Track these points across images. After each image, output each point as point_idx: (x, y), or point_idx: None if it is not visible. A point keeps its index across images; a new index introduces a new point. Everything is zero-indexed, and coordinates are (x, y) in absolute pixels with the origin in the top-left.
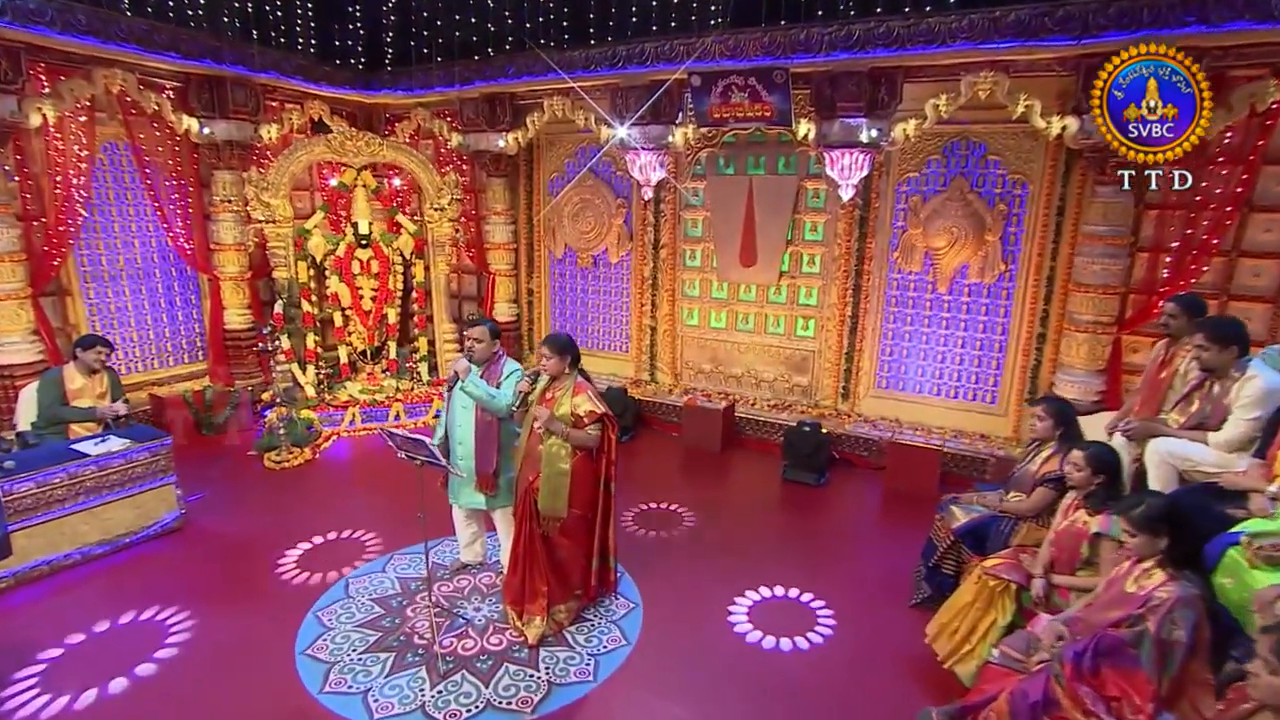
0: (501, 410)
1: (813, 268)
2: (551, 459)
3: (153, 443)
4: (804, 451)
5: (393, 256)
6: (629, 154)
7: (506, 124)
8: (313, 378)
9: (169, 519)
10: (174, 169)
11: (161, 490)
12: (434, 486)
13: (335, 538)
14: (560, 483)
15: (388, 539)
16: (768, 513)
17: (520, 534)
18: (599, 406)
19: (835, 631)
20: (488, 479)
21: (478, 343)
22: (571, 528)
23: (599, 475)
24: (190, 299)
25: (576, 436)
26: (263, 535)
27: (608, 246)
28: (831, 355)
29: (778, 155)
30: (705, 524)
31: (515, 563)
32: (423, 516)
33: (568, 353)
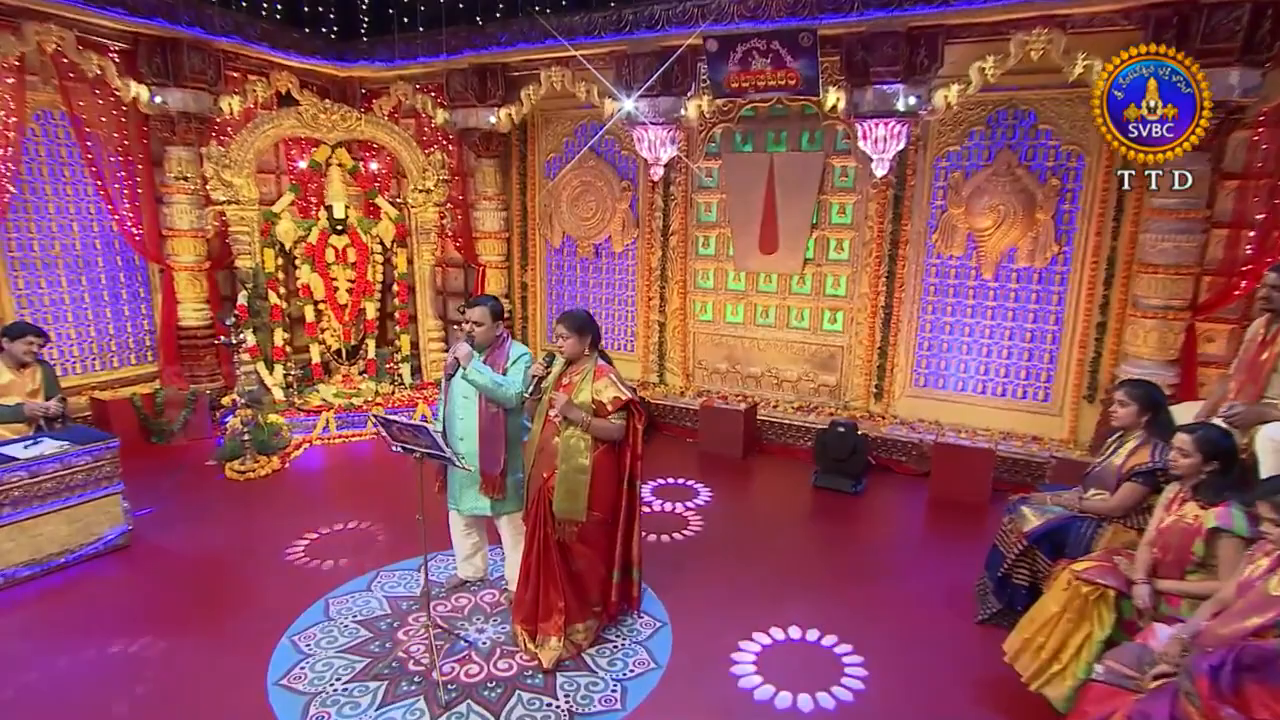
0: (510, 400)
1: (841, 254)
2: (569, 453)
3: (95, 445)
4: (838, 455)
5: (371, 244)
6: (636, 130)
7: (498, 99)
8: (281, 379)
9: (113, 535)
10: (120, 143)
11: (105, 501)
12: (431, 491)
13: (309, 555)
14: (579, 481)
15: (371, 554)
16: (801, 522)
17: (533, 542)
18: (624, 392)
19: (893, 655)
20: (494, 480)
21: (478, 325)
22: (591, 533)
23: (622, 472)
24: (138, 292)
25: (598, 427)
26: (225, 553)
27: (611, 234)
28: (862, 351)
29: (801, 129)
30: (733, 535)
31: (527, 575)
32: (422, 518)
33: (587, 332)
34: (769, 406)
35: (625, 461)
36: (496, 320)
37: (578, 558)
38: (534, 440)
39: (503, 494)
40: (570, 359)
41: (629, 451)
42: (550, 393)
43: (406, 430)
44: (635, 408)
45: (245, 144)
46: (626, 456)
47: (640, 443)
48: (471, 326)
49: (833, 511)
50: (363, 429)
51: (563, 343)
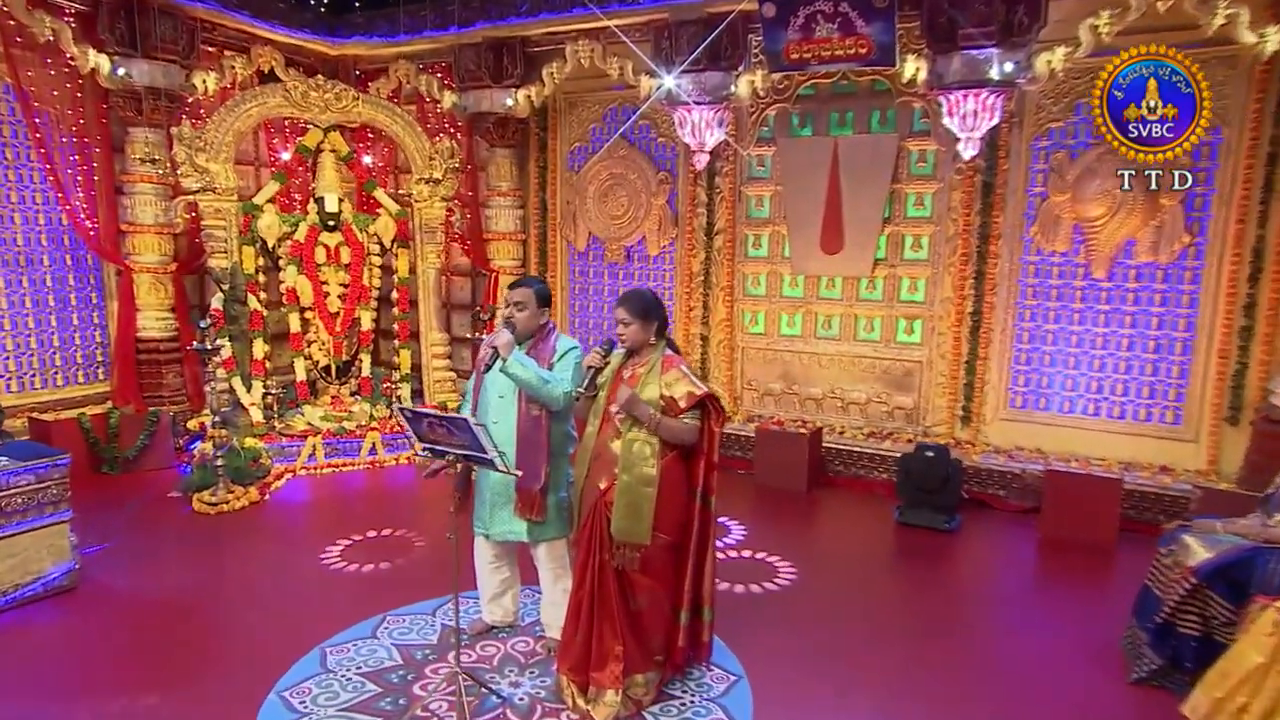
0: (556, 400)
1: (919, 252)
2: (632, 460)
3: (40, 462)
4: (927, 486)
5: (368, 244)
6: (678, 112)
7: (516, 78)
8: (259, 398)
9: (57, 574)
10: (74, 122)
11: (49, 532)
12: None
13: (298, 598)
14: (643, 494)
15: (375, 596)
16: (889, 565)
17: (585, 570)
18: (698, 386)
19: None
20: (532, 499)
21: (520, 309)
22: (656, 561)
23: (694, 485)
24: (90, 297)
25: (669, 427)
26: (194, 596)
27: (645, 234)
28: (945, 367)
29: (871, 108)
30: (809, 579)
31: (577, 612)
32: (454, 537)
33: (653, 317)
34: (834, 433)
35: (698, 472)
36: (543, 306)
37: (639, 592)
38: (588, 445)
39: (543, 515)
40: (632, 349)
41: (703, 459)
42: (608, 388)
43: (440, 425)
44: (712, 405)
45: (223, 124)
46: (699, 465)
47: (717, 448)
48: (513, 310)
49: (924, 552)
50: (355, 457)
51: (623, 329)
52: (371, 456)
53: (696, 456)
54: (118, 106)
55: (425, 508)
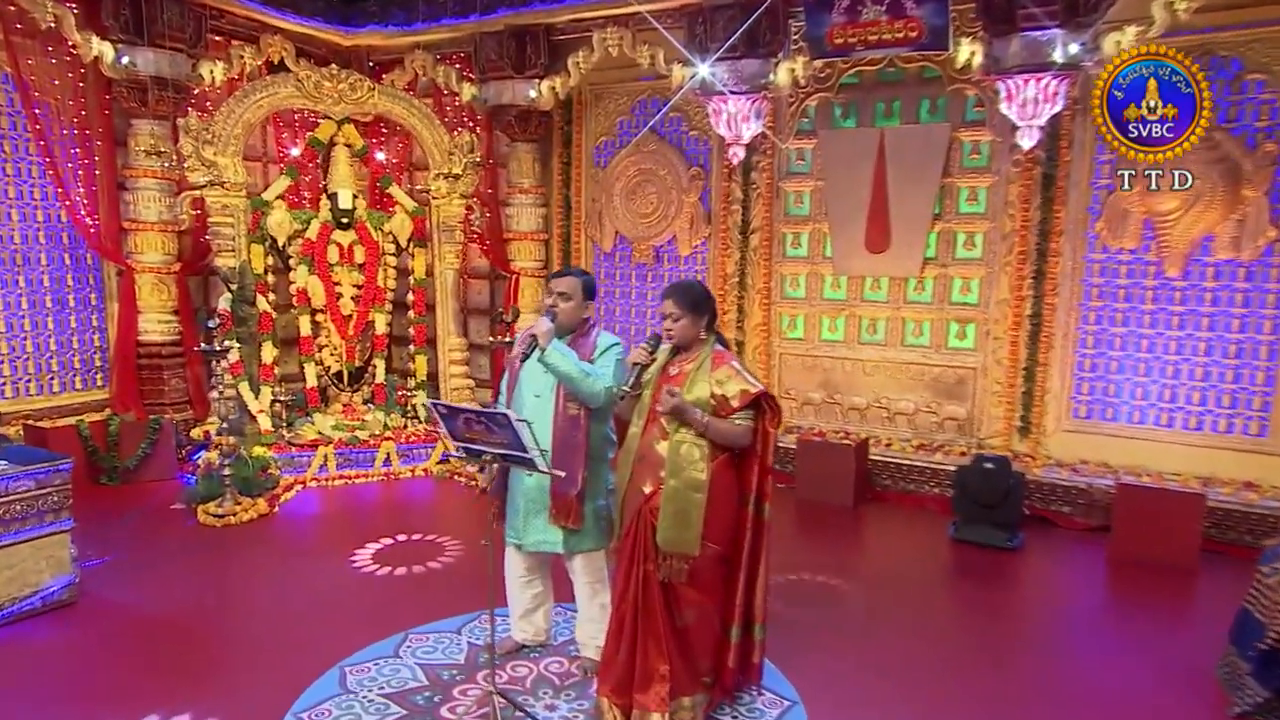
0: (597, 395)
1: (972, 250)
2: (680, 464)
3: (41, 467)
4: (986, 500)
5: (383, 243)
6: (712, 102)
7: (540, 69)
8: (268, 405)
9: (56, 588)
10: (75, 113)
11: (49, 542)
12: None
13: (314, 613)
14: (692, 500)
15: (395, 613)
16: (946, 585)
17: (629, 582)
18: (753, 384)
19: None
20: (568, 505)
21: (564, 299)
22: (705, 573)
23: (745, 491)
24: (89, 298)
25: (719, 429)
26: (201, 612)
27: (676, 233)
28: (1002, 374)
29: (920, 97)
30: (863, 599)
31: (620, 628)
32: (489, 543)
33: (703, 309)
34: (880, 445)
35: (750, 476)
36: (588, 299)
37: (686, 607)
38: (631, 447)
39: (579, 523)
40: (680, 344)
41: (756, 462)
42: (653, 386)
43: (478, 422)
44: (768, 403)
45: (232, 115)
46: (752, 469)
47: (772, 451)
48: (556, 301)
49: (985, 572)
50: (369, 469)
51: (671, 324)
52: (386, 468)
53: (749, 460)
54: (121, 97)
55: (445, 520)
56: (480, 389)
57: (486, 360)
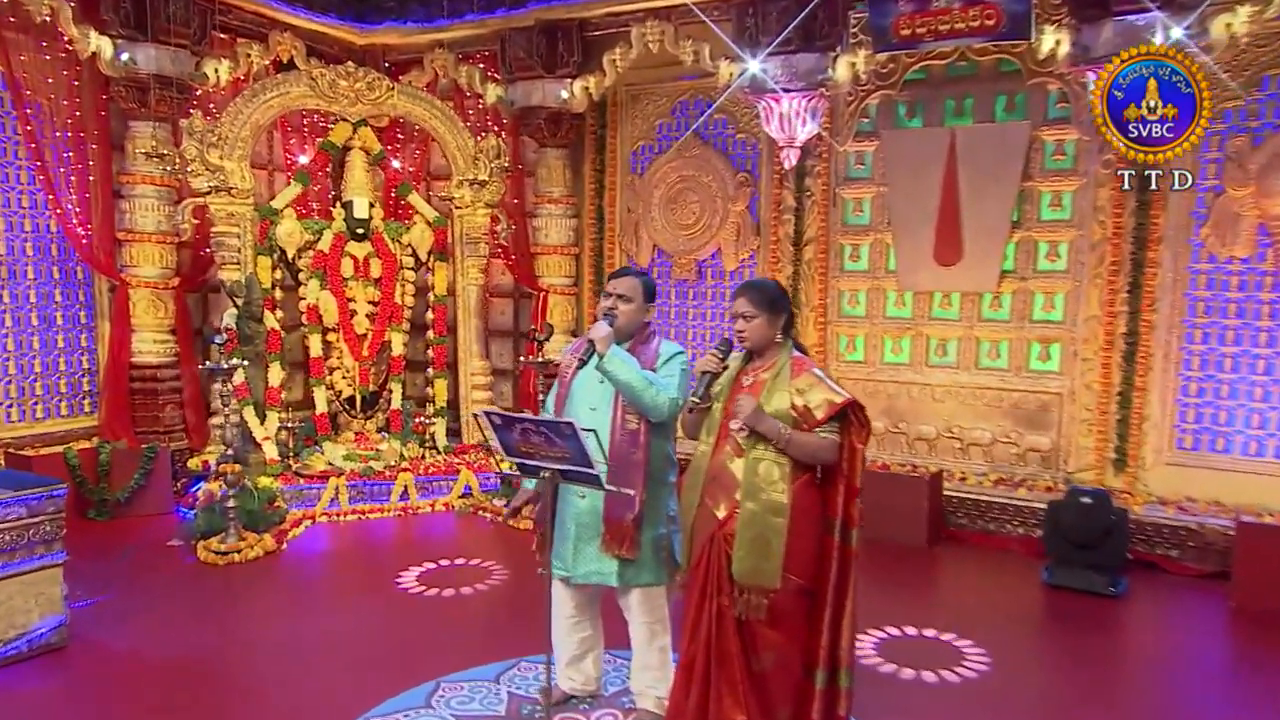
0: (661, 408)
1: (1056, 262)
2: (758, 485)
3: (33, 493)
4: (1082, 540)
5: (401, 256)
6: (763, 101)
7: (573, 68)
8: (275, 432)
9: (45, 630)
10: (70, 113)
11: (39, 577)
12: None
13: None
14: (772, 526)
15: (423, 659)
16: (1045, 636)
17: (700, 618)
18: (839, 393)
19: None
20: (623, 531)
21: (624, 301)
22: (785, 611)
23: (831, 515)
24: (79, 315)
25: (802, 444)
26: (205, 659)
27: (720, 246)
28: (1092, 400)
29: (995, 93)
30: (949, 651)
31: (688, 673)
32: (546, 573)
33: (780, 309)
34: (952, 479)
35: (836, 499)
36: (648, 301)
37: (765, 648)
38: (700, 466)
39: (635, 552)
40: (754, 348)
41: (842, 483)
42: (724, 397)
43: (536, 433)
44: (856, 415)
45: (239, 116)
46: (838, 491)
47: (860, 469)
48: (615, 303)
49: (1087, 621)
50: (384, 502)
51: (744, 325)
52: (403, 501)
53: (834, 480)
54: (119, 97)
55: (475, 556)
56: None
57: (509, 387)
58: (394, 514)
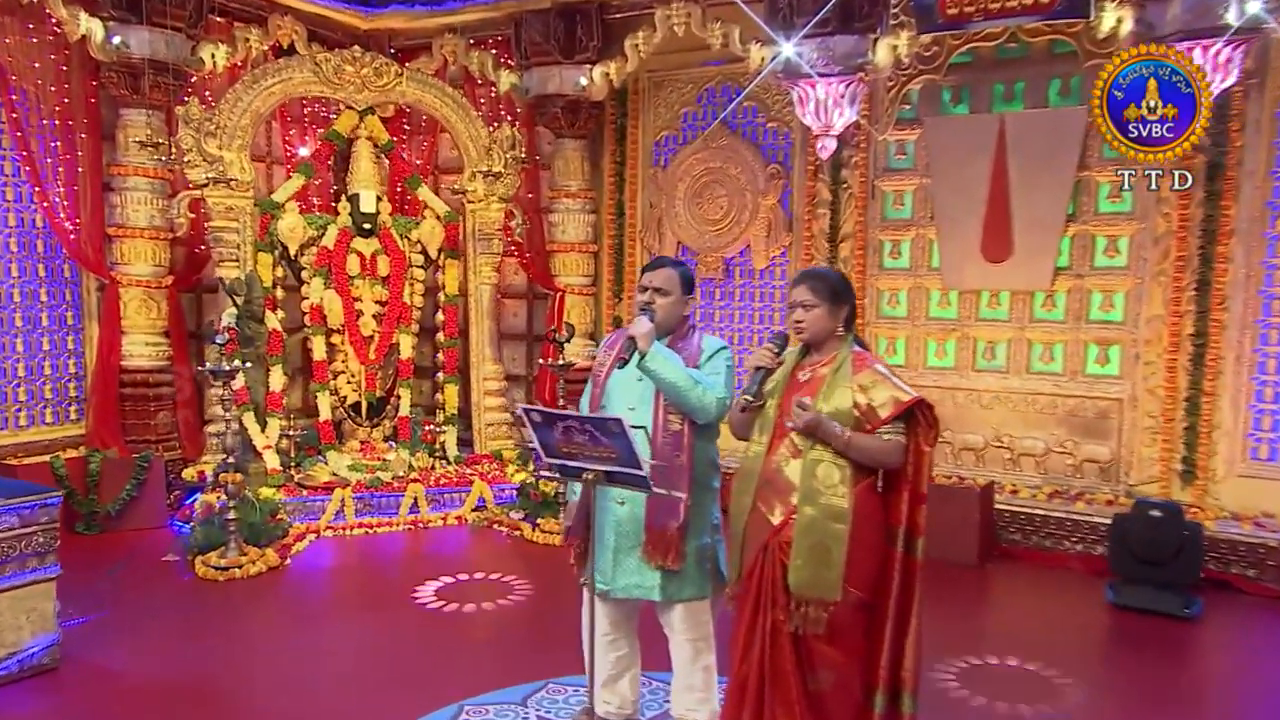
0: (708, 408)
1: (1115, 258)
2: (816, 489)
3: (25, 501)
4: (1153, 557)
5: (410, 253)
6: (798, 87)
7: (592, 53)
8: (276, 440)
9: (37, 649)
10: (58, 100)
11: (31, 593)
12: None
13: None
14: (832, 534)
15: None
16: (1114, 662)
17: (753, 636)
18: (905, 390)
19: None
20: (666, 541)
21: (661, 295)
22: (844, 626)
23: (893, 522)
24: (65, 316)
25: (864, 446)
26: (207, 681)
27: (750, 243)
28: (1156, 407)
29: (1049, 76)
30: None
31: (740, 695)
32: (586, 582)
33: (842, 300)
34: (1004, 492)
35: (899, 505)
36: (687, 294)
37: (822, 667)
38: (752, 469)
39: (680, 563)
40: (812, 342)
41: (906, 488)
42: (778, 394)
43: (581, 431)
44: (924, 414)
45: (239, 104)
46: (901, 497)
47: (927, 474)
48: (652, 297)
49: (1161, 645)
50: (393, 515)
51: (802, 315)
52: (413, 514)
53: (898, 484)
54: (110, 83)
55: (494, 570)
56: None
57: (523, 393)
58: (403, 528)
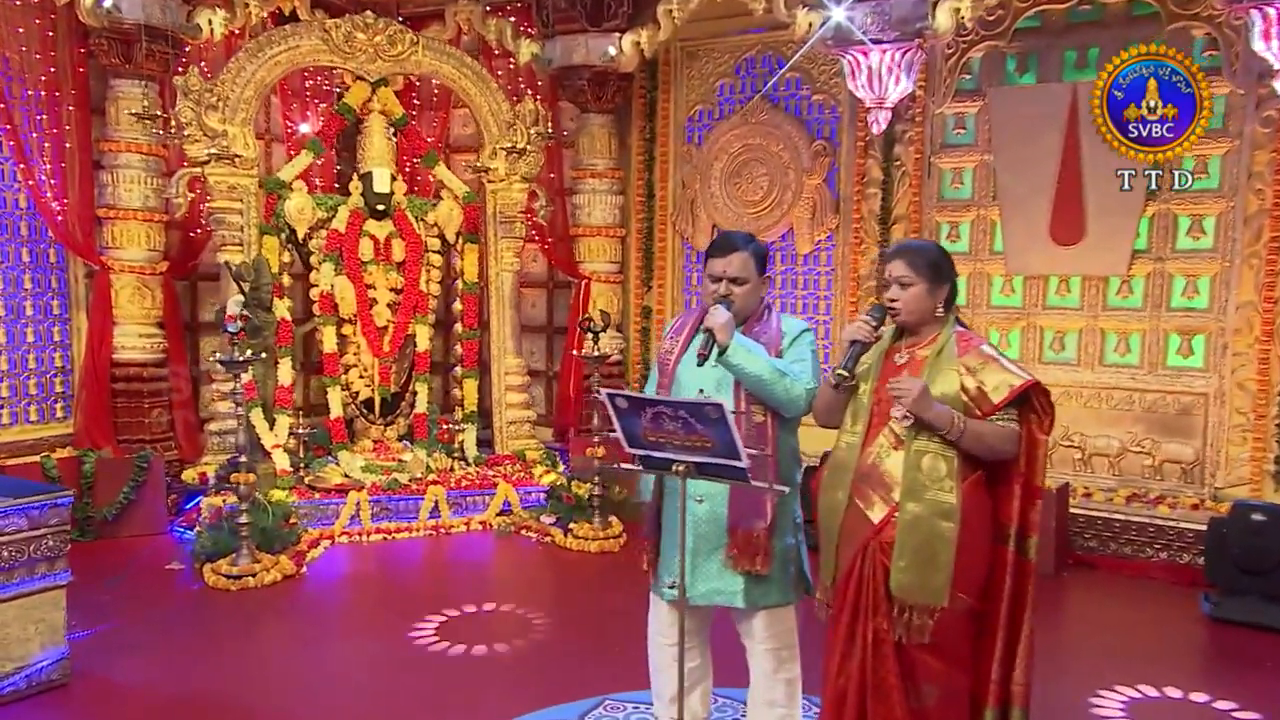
0: (796, 400)
1: (1200, 239)
2: (921, 483)
3: (34, 501)
4: (1255, 566)
5: (427, 237)
6: (848, 55)
7: (622, 19)
8: (285, 439)
9: (46, 663)
10: (44, 70)
11: (40, 601)
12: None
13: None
14: (940, 533)
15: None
16: (1231, 684)
17: (853, 645)
18: (1020, 373)
19: None
20: (756, 542)
21: (736, 284)
22: (951, 635)
23: (1004, 520)
24: (50, 305)
25: (979, 434)
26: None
27: (793, 226)
28: (1247, 402)
29: (1126, 41)
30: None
31: (838, 709)
32: (676, 584)
33: (944, 277)
34: (1075, 495)
35: (1010, 502)
36: (762, 274)
37: (925, 680)
38: (846, 461)
39: (768, 567)
40: (910, 323)
41: (1017, 482)
42: (872, 379)
43: (673, 418)
44: (1039, 399)
45: (242, 74)
46: (1012, 492)
47: (1042, 466)
48: (728, 288)
49: (1263, 667)
50: (412, 520)
51: (899, 292)
52: (434, 519)
53: (1008, 478)
54: (100, 51)
55: (520, 585)
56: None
57: (542, 389)
58: (424, 534)
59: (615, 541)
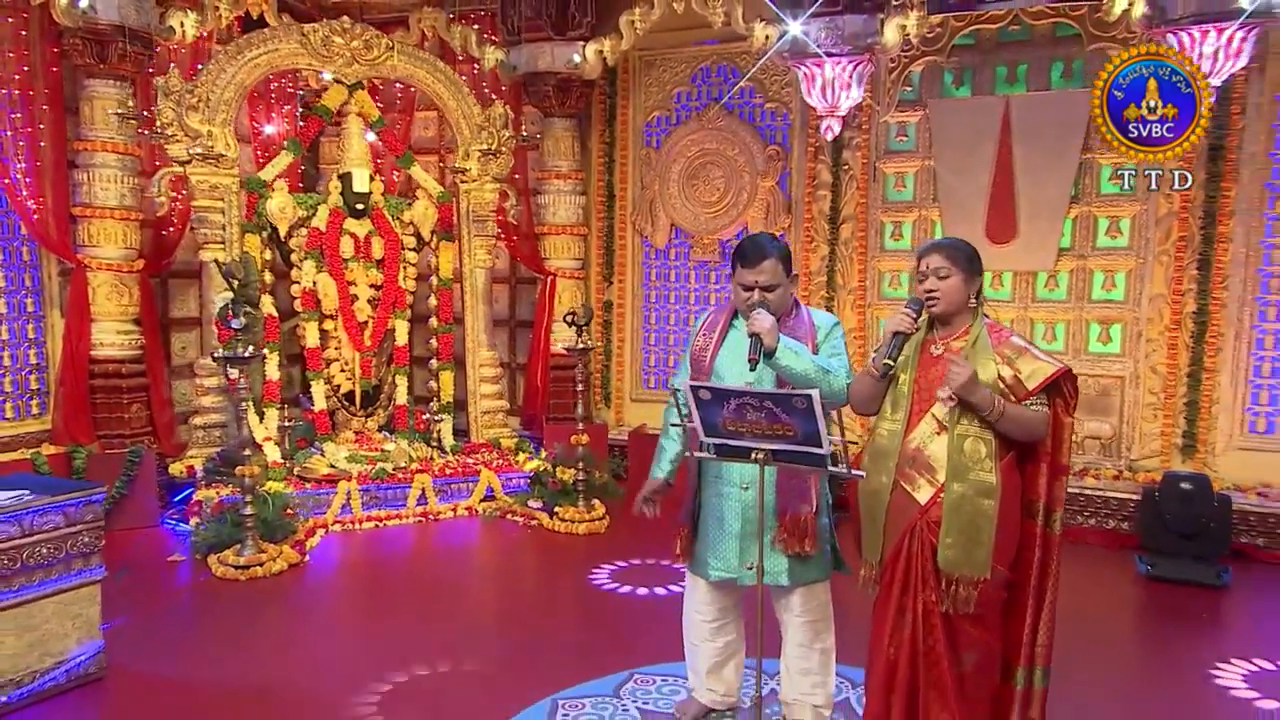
0: (839, 394)
1: (1117, 239)
2: (964, 465)
3: (70, 499)
4: (1185, 529)
5: (404, 235)
6: (804, 67)
7: (585, 29)
8: (275, 432)
9: (83, 657)
10: (18, 69)
11: (77, 597)
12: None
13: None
14: (982, 510)
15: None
16: (1167, 641)
17: (903, 619)
18: (1051, 361)
19: None
20: (803, 526)
21: (768, 291)
22: (988, 604)
23: (1033, 497)
24: (24, 303)
25: (1016, 417)
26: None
27: (747, 225)
28: (1158, 383)
29: (1051, 58)
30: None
31: (888, 680)
32: (753, 568)
33: (977, 270)
34: None
35: (1037, 479)
36: (789, 273)
37: (967, 647)
38: (890, 447)
39: (816, 547)
40: (946, 313)
41: (1044, 461)
42: (910, 368)
43: (757, 408)
44: (1068, 385)
45: (222, 75)
46: (1039, 470)
47: (1067, 446)
48: (760, 296)
49: (1198, 620)
50: (401, 508)
51: (936, 285)
52: (421, 506)
53: (1036, 457)
54: (75, 51)
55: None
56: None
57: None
58: (413, 520)
59: (601, 523)
